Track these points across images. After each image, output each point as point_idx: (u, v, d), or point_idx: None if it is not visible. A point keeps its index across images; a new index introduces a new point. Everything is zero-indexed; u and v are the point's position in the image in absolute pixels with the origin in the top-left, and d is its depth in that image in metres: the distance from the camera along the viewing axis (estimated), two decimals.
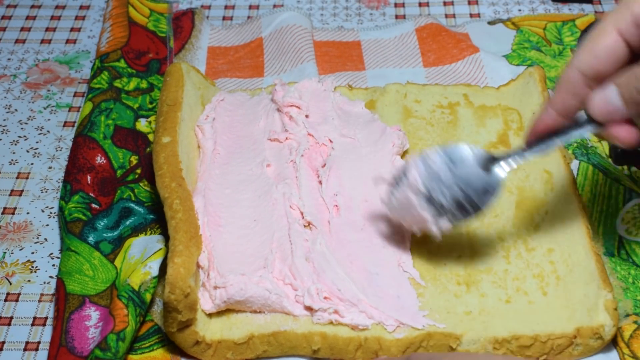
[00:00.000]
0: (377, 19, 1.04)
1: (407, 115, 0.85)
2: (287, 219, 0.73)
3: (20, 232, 0.81)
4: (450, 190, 0.67)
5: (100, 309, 0.72)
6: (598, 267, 0.70)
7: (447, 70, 0.95)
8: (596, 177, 0.81)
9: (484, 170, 0.66)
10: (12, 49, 1.02)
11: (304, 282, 0.69)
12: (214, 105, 0.83)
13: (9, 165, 0.88)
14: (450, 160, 0.67)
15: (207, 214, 0.72)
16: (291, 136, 0.80)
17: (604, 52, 0.60)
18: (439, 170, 0.67)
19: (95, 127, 0.86)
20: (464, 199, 0.67)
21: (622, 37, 0.60)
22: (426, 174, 0.67)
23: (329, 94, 0.85)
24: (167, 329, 0.67)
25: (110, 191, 0.81)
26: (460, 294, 0.70)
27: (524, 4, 1.05)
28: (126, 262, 0.74)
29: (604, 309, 0.67)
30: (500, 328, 0.68)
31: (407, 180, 0.68)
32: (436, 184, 0.67)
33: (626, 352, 0.69)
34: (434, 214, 0.68)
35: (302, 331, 0.68)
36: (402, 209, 0.69)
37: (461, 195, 0.67)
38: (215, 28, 1.02)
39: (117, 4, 1.00)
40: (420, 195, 0.67)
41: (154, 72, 0.94)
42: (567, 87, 0.63)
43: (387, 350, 0.67)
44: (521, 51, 0.96)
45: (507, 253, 0.73)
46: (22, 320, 0.74)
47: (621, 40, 0.60)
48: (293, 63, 0.95)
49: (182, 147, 0.76)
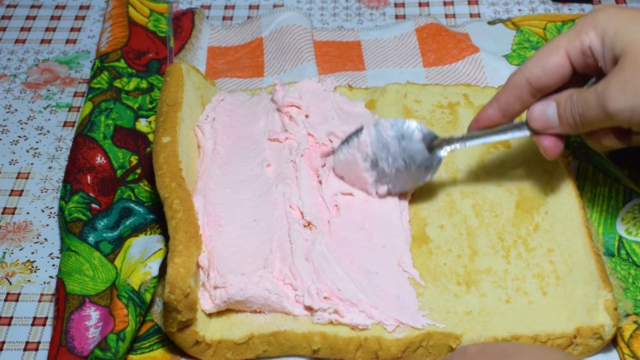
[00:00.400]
0: (377, 19, 1.04)
1: (407, 115, 0.85)
2: (287, 218, 0.73)
3: (20, 232, 0.81)
4: (395, 160, 0.72)
5: (100, 309, 0.72)
6: (598, 267, 0.70)
7: (447, 70, 0.95)
8: (596, 177, 0.81)
9: (428, 149, 0.72)
10: (12, 49, 1.02)
11: (304, 282, 0.69)
12: (214, 105, 0.83)
13: (9, 165, 0.88)
14: (400, 134, 0.72)
15: (207, 214, 0.72)
16: (291, 136, 0.80)
17: (552, 69, 0.67)
18: (389, 140, 0.72)
19: (95, 127, 0.86)
20: (405, 171, 0.73)
21: (570, 59, 0.67)
22: (376, 141, 0.73)
23: (329, 94, 0.85)
24: (167, 329, 0.67)
25: (110, 191, 0.81)
26: (460, 293, 0.70)
27: (524, 4, 1.05)
28: (126, 262, 0.74)
29: (604, 309, 0.67)
30: (500, 328, 0.68)
31: (357, 142, 0.73)
32: (384, 152, 0.72)
33: (626, 352, 0.69)
34: (375, 178, 0.74)
35: (302, 331, 0.68)
36: (347, 166, 0.74)
37: (403, 167, 0.73)
38: (215, 28, 1.02)
39: (117, 4, 1.00)
40: (367, 159, 0.73)
41: (154, 72, 0.94)
42: (514, 91, 0.70)
43: (387, 350, 0.67)
44: (521, 51, 0.96)
45: (507, 253, 0.73)
46: (22, 320, 0.74)
47: (568, 62, 0.67)
48: (293, 63, 0.95)
49: (182, 147, 0.76)
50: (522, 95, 0.69)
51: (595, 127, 0.67)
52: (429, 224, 0.75)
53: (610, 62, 0.65)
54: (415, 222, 0.76)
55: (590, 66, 0.67)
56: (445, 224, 0.75)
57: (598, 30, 0.65)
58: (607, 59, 0.65)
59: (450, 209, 0.77)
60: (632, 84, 0.62)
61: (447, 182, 0.79)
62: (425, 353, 0.68)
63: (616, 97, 0.63)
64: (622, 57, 0.63)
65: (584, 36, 0.66)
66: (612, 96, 0.63)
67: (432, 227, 0.75)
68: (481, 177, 0.79)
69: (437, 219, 0.76)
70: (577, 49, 0.66)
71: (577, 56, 0.67)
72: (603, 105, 0.64)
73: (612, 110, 0.63)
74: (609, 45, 0.64)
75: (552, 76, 0.68)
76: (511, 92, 0.70)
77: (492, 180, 0.79)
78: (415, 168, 0.73)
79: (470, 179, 0.79)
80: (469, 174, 0.79)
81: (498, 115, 0.71)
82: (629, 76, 0.62)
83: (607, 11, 0.66)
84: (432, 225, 0.75)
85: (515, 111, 0.71)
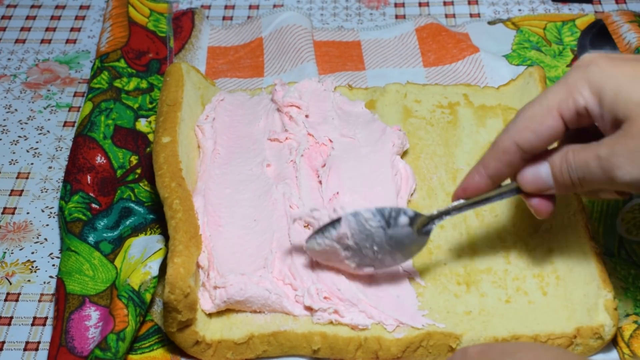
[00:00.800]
0: (377, 19, 1.04)
1: (407, 115, 0.85)
2: (287, 218, 0.73)
3: (20, 232, 0.81)
4: (381, 248, 0.69)
5: (100, 309, 0.72)
6: (598, 267, 0.70)
7: (447, 70, 0.95)
8: None
9: (416, 231, 0.69)
10: (12, 49, 1.02)
11: (303, 282, 0.69)
12: (214, 105, 0.83)
13: (9, 165, 0.88)
14: (385, 222, 0.68)
15: (207, 214, 0.72)
16: (291, 136, 0.80)
17: (545, 132, 0.63)
18: (373, 231, 0.68)
19: (95, 127, 0.86)
20: (392, 253, 0.69)
21: (563, 120, 0.62)
22: (358, 232, 0.68)
23: (329, 94, 0.85)
24: (167, 329, 0.67)
25: (110, 191, 0.81)
26: (460, 293, 0.70)
27: (524, 4, 1.05)
28: (126, 262, 0.74)
29: (604, 308, 0.67)
30: (500, 328, 0.68)
31: (336, 234, 0.68)
32: (367, 242, 0.68)
33: (626, 352, 0.69)
34: (357, 263, 0.69)
35: (302, 331, 0.68)
36: (324, 254, 0.70)
37: (389, 252, 0.69)
38: (215, 28, 1.02)
39: (117, 4, 1.00)
40: (348, 249, 0.69)
41: (154, 72, 0.94)
42: (504, 157, 0.65)
43: (387, 350, 0.67)
44: (521, 51, 0.96)
45: (507, 253, 0.73)
46: (22, 320, 0.74)
47: (562, 123, 0.63)
48: (293, 63, 0.95)
49: (182, 147, 0.76)
50: (513, 161, 0.65)
51: (594, 188, 0.64)
52: None
53: (610, 124, 0.60)
54: None
55: (585, 123, 0.63)
56: (445, 223, 0.75)
57: (593, 89, 0.60)
58: (607, 120, 0.60)
59: None
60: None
61: (447, 182, 0.79)
62: (425, 353, 0.68)
63: (624, 167, 0.59)
64: (627, 122, 0.59)
65: (577, 96, 0.61)
66: (620, 166, 0.59)
67: None
68: None
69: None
70: (572, 109, 0.62)
71: (571, 117, 0.62)
72: (609, 174, 0.60)
73: (621, 181, 0.59)
74: (609, 108, 0.60)
75: (545, 139, 0.63)
76: (501, 158, 0.65)
77: None
78: (403, 249, 0.69)
79: None
80: None
81: (487, 183, 0.67)
82: (637, 144, 0.58)
83: (600, 66, 0.61)
84: None
85: (504, 177, 0.67)
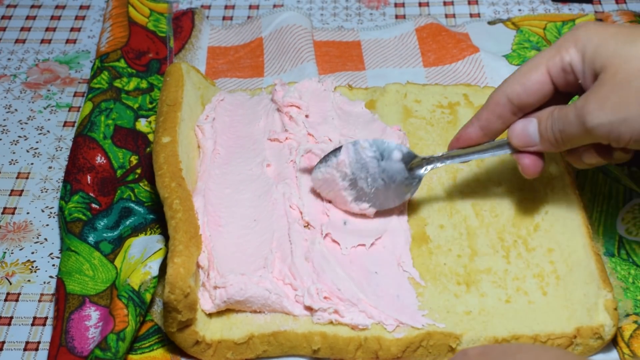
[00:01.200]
0: (377, 19, 1.04)
1: (407, 115, 0.85)
2: (287, 218, 0.73)
3: (20, 232, 0.81)
4: (374, 180, 0.72)
5: (100, 309, 0.72)
6: (598, 267, 0.70)
7: (447, 70, 0.95)
8: (596, 177, 0.81)
9: (408, 169, 0.72)
10: (12, 49, 1.02)
11: (303, 282, 0.69)
12: (214, 105, 0.83)
13: (9, 165, 0.88)
14: (379, 154, 0.72)
15: (207, 214, 0.72)
16: (291, 136, 0.80)
17: (533, 86, 0.67)
18: (368, 160, 0.72)
19: (95, 127, 0.86)
20: (385, 190, 0.73)
21: (550, 76, 0.66)
22: (355, 161, 0.72)
23: (329, 94, 0.85)
24: (167, 329, 0.67)
25: (110, 191, 0.82)
26: (460, 293, 0.70)
27: (524, 4, 1.05)
28: (126, 262, 0.74)
29: (604, 308, 0.67)
30: (500, 328, 0.68)
31: (336, 161, 0.72)
32: (362, 172, 0.72)
33: (626, 352, 0.69)
34: (354, 196, 0.73)
35: (302, 331, 0.68)
36: (325, 184, 0.74)
37: (383, 187, 0.73)
38: (215, 28, 1.02)
39: (117, 4, 1.00)
40: (345, 178, 0.72)
41: (154, 72, 0.94)
42: (495, 109, 0.69)
43: (387, 349, 0.67)
44: (521, 51, 0.96)
45: (507, 253, 0.73)
46: (22, 320, 0.74)
47: (549, 79, 0.66)
48: (293, 63, 0.95)
49: (182, 147, 0.76)
50: (503, 113, 0.68)
51: (575, 144, 0.66)
52: (428, 224, 0.75)
53: (590, 78, 0.64)
54: (415, 222, 0.76)
55: (572, 83, 0.66)
56: (445, 223, 0.75)
57: (579, 47, 0.64)
58: (587, 75, 0.64)
59: (450, 208, 0.77)
60: (611, 98, 0.61)
61: (447, 182, 0.79)
62: (425, 353, 0.68)
63: (595, 112, 0.62)
64: (602, 72, 0.62)
65: (564, 53, 0.65)
66: (590, 111, 0.62)
67: (432, 226, 0.75)
68: (481, 176, 0.79)
69: (437, 218, 0.76)
70: (558, 66, 0.65)
71: (557, 73, 0.66)
72: (582, 121, 0.63)
73: (590, 126, 0.62)
74: (589, 61, 0.63)
75: (533, 94, 0.67)
76: (492, 110, 0.69)
77: (492, 179, 0.79)
78: (395, 187, 0.73)
79: (470, 179, 0.79)
80: (469, 174, 0.79)
81: (479, 134, 0.71)
82: (608, 91, 0.61)
83: (588, 28, 0.64)
84: (432, 225, 0.75)
85: (496, 130, 0.70)
